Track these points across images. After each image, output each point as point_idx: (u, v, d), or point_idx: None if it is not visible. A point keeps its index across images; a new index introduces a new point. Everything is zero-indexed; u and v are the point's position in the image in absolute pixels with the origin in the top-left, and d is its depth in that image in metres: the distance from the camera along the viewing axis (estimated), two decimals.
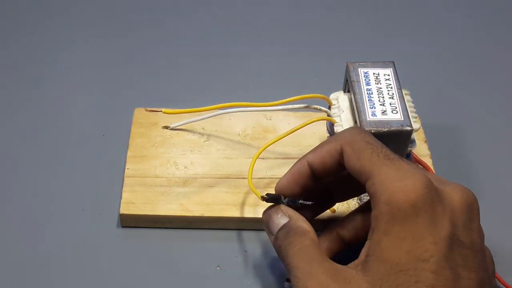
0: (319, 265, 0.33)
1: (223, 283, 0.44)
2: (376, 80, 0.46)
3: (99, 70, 0.62)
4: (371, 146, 0.35)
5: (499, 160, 0.54)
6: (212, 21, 0.69)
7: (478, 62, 0.64)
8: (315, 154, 0.37)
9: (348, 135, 0.36)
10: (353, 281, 0.31)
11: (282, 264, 0.36)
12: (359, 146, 0.35)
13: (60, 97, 0.59)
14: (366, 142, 0.35)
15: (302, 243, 0.35)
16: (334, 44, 0.66)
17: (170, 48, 0.65)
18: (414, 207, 0.31)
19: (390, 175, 0.32)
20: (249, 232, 0.47)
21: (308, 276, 0.33)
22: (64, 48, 0.65)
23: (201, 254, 0.46)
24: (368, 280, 0.31)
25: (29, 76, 0.61)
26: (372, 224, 0.32)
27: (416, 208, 0.31)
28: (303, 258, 0.34)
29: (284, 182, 0.39)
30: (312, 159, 0.37)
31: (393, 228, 0.31)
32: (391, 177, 0.32)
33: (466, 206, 0.33)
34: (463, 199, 0.33)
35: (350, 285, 0.31)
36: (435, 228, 0.31)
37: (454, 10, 0.71)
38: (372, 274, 0.31)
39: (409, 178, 0.32)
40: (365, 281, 0.31)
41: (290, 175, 0.39)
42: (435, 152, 0.51)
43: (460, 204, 0.33)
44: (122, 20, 0.69)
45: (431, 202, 0.31)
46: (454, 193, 0.33)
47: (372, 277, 0.31)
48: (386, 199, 0.31)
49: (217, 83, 0.61)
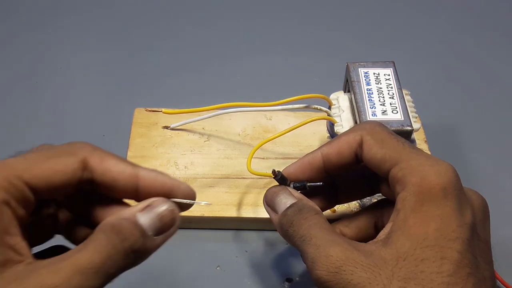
0: (339, 236, 0.34)
1: (223, 283, 0.44)
2: (376, 80, 0.46)
3: (100, 70, 0.62)
4: (395, 136, 0.36)
5: (499, 160, 0.54)
6: (212, 21, 0.69)
7: (478, 62, 0.64)
8: (331, 145, 0.37)
9: (369, 126, 0.37)
10: (375, 253, 0.32)
11: (289, 243, 0.36)
12: (382, 136, 0.35)
13: (60, 97, 0.59)
14: (389, 133, 0.36)
15: (318, 219, 0.35)
16: (334, 44, 0.66)
17: (170, 48, 0.65)
18: (445, 191, 0.32)
19: (421, 161, 0.33)
20: (249, 232, 0.47)
21: (331, 242, 0.33)
22: (64, 48, 0.65)
23: (201, 254, 0.46)
24: (391, 253, 0.31)
25: (29, 76, 0.61)
26: (397, 206, 0.33)
27: (446, 191, 0.32)
28: (321, 229, 0.34)
29: (291, 170, 0.39)
30: (327, 150, 0.37)
31: (421, 207, 0.32)
32: (422, 163, 0.33)
33: (482, 206, 0.35)
34: (480, 200, 0.35)
35: (372, 256, 0.32)
36: (461, 214, 0.32)
37: (454, 10, 0.71)
38: (396, 247, 0.31)
39: (441, 165, 0.33)
40: (388, 254, 0.31)
41: (299, 164, 0.39)
42: (435, 152, 0.51)
43: (478, 203, 0.35)
44: (123, 21, 0.69)
45: (460, 189, 0.33)
46: (472, 192, 0.35)
47: (396, 250, 0.31)
48: (417, 181, 0.32)
49: (217, 83, 0.61)
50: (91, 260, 0.27)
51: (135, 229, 0.29)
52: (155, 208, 0.31)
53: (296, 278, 0.44)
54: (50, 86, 0.60)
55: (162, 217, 0.31)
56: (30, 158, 0.30)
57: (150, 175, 0.32)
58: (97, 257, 0.28)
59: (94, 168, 0.31)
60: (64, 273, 0.27)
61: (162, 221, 0.31)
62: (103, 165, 0.31)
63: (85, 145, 0.32)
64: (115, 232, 0.29)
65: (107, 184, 0.31)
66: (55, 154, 0.31)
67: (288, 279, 0.44)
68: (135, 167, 0.32)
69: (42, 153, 0.31)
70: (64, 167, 0.30)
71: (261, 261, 0.45)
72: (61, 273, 0.27)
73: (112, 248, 0.28)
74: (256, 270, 0.45)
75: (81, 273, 0.27)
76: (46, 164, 0.30)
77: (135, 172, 0.31)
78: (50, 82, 0.60)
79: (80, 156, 0.31)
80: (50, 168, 0.30)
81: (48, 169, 0.30)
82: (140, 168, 0.32)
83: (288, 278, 0.44)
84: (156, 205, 0.31)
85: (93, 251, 0.28)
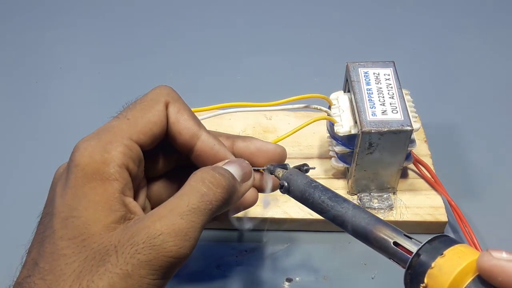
0: None
1: (223, 283, 0.44)
2: (376, 80, 0.46)
3: (100, 71, 0.62)
4: None
5: (499, 160, 0.54)
6: (212, 21, 0.69)
7: (478, 62, 0.64)
8: None
9: None
10: None
11: None
12: None
13: (60, 97, 0.59)
14: None
15: None
16: (334, 44, 0.66)
17: (170, 48, 0.65)
18: None
19: None
20: (249, 232, 0.47)
21: None
22: (64, 48, 0.65)
23: (201, 254, 0.46)
24: None
25: (29, 76, 0.61)
26: None
27: None
28: None
29: None
30: None
31: None
32: None
33: None
34: None
35: None
36: None
37: (454, 10, 0.71)
38: None
39: None
40: None
41: None
42: (435, 152, 0.51)
43: None
44: (123, 21, 0.69)
45: None
46: None
47: None
48: None
49: (217, 83, 0.61)
50: (189, 203, 0.30)
51: (226, 173, 0.33)
52: (236, 161, 0.35)
53: (296, 278, 0.44)
54: (50, 86, 0.60)
55: (244, 167, 0.35)
56: (132, 117, 0.33)
57: (209, 142, 0.35)
58: (194, 199, 0.30)
59: (170, 115, 0.34)
60: (166, 219, 0.29)
61: (244, 171, 0.34)
62: (177, 115, 0.34)
63: (169, 90, 0.35)
64: (209, 176, 0.31)
65: (173, 133, 0.34)
66: (148, 104, 0.34)
67: (288, 279, 0.44)
68: (200, 129, 0.35)
69: (136, 107, 0.33)
70: (158, 117, 0.33)
71: (261, 261, 0.45)
72: (163, 220, 0.29)
73: (208, 189, 0.31)
74: (256, 270, 0.45)
75: (181, 216, 0.29)
76: (145, 118, 0.33)
77: (198, 134, 0.34)
78: (50, 82, 0.60)
79: (164, 102, 0.34)
80: (149, 121, 0.33)
81: (149, 123, 0.33)
82: (203, 131, 0.35)
83: (288, 278, 0.44)
84: (235, 160, 0.35)
85: (190, 194, 0.30)
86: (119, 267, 0.28)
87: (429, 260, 0.26)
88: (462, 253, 0.26)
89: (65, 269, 0.28)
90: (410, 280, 0.27)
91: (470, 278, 0.25)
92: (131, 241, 0.28)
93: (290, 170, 0.36)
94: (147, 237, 0.28)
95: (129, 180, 0.31)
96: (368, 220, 0.30)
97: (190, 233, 0.29)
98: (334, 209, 0.32)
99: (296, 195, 0.35)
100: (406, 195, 0.48)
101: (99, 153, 0.30)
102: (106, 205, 0.30)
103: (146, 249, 0.28)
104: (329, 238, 0.46)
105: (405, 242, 0.28)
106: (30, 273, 0.29)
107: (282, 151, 0.38)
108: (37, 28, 0.67)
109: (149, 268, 0.28)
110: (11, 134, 0.55)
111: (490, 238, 0.46)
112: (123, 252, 0.28)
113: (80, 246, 0.29)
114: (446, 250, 0.26)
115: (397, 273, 0.44)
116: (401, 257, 0.28)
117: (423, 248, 0.27)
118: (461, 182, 0.51)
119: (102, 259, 0.28)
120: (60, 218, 0.29)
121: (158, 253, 0.28)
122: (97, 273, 0.28)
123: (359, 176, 0.46)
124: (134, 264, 0.28)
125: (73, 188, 0.30)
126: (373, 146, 0.43)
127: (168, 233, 0.29)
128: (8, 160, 0.52)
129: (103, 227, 0.29)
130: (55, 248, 0.29)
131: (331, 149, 0.48)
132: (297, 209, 0.46)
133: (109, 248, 0.29)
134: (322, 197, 0.33)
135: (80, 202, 0.30)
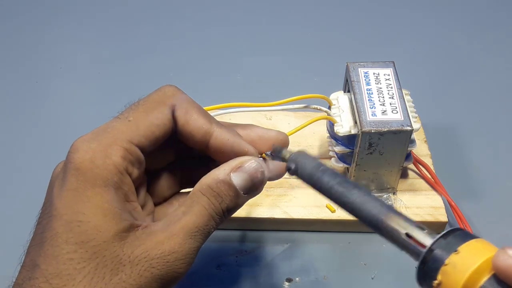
0: None
1: (223, 283, 0.44)
2: (376, 80, 0.46)
3: (100, 71, 0.62)
4: None
5: (499, 160, 0.54)
6: (212, 21, 0.69)
7: (478, 62, 0.64)
8: None
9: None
10: None
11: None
12: None
13: (60, 97, 0.59)
14: None
15: None
16: (334, 44, 0.66)
17: (170, 48, 0.65)
18: None
19: None
20: (249, 232, 0.47)
21: None
22: (64, 48, 0.65)
23: (201, 254, 0.46)
24: None
25: (30, 76, 0.61)
26: None
27: None
28: None
29: None
30: None
31: None
32: None
33: None
34: None
35: None
36: None
37: (454, 10, 0.71)
38: None
39: None
40: None
41: None
42: (435, 152, 0.51)
43: None
44: (123, 21, 0.69)
45: None
46: None
47: None
48: None
49: (217, 83, 0.61)
50: (197, 223, 0.31)
51: (231, 191, 0.32)
52: (247, 169, 0.33)
53: (296, 278, 0.44)
54: (50, 86, 0.60)
55: (254, 178, 0.33)
56: (134, 119, 0.32)
57: (222, 137, 0.33)
58: (201, 220, 0.31)
59: (178, 118, 0.33)
60: (178, 238, 0.30)
61: (253, 181, 0.33)
62: (186, 117, 0.33)
63: (175, 91, 0.34)
64: (214, 196, 0.31)
65: (184, 135, 0.33)
66: (151, 106, 0.32)
67: (288, 279, 0.44)
68: (212, 125, 0.33)
69: (139, 108, 0.32)
70: (161, 120, 0.32)
71: (261, 261, 0.45)
72: (175, 238, 0.30)
73: (213, 210, 0.31)
74: (256, 270, 0.45)
75: (191, 236, 0.30)
76: (147, 121, 0.32)
77: (210, 131, 0.33)
78: (50, 82, 0.60)
79: (170, 105, 0.33)
80: (152, 124, 0.32)
81: (151, 125, 0.32)
82: (215, 127, 0.34)
83: (288, 278, 0.44)
84: (248, 166, 0.33)
85: (198, 214, 0.31)
86: (133, 278, 0.29)
87: (443, 256, 0.25)
88: (477, 250, 0.25)
89: (74, 274, 0.28)
90: (423, 275, 0.26)
91: (486, 277, 0.25)
92: (145, 255, 0.29)
93: (297, 152, 0.34)
94: (161, 253, 0.29)
95: (131, 184, 0.31)
96: (379, 209, 0.29)
97: (195, 252, 0.31)
98: (344, 195, 0.30)
99: (304, 178, 0.33)
100: (406, 195, 0.48)
101: (100, 159, 0.30)
102: (115, 213, 0.30)
103: (160, 264, 0.29)
104: (329, 238, 0.47)
105: (418, 234, 0.27)
106: (31, 275, 0.29)
107: (285, 138, 0.37)
108: (37, 28, 0.67)
109: (160, 282, 0.30)
110: (11, 134, 0.55)
111: (490, 238, 0.46)
112: (137, 264, 0.29)
113: (90, 252, 0.28)
114: (461, 246, 0.25)
115: (397, 273, 0.45)
116: (414, 249, 0.27)
117: (437, 243, 0.26)
118: (461, 182, 0.51)
119: (115, 268, 0.29)
120: (62, 220, 0.29)
121: (170, 269, 0.30)
122: (110, 282, 0.28)
123: (359, 176, 0.46)
124: (148, 277, 0.29)
125: (73, 190, 0.30)
126: (373, 146, 0.43)
127: (180, 252, 0.30)
128: (8, 160, 0.53)
129: (114, 235, 0.29)
130: (59, 252, 0.29)
131: (331, 149, 0.48)
132: (297, 209, 0.46)
133: (122, 257, 0.29)
134: (331, 181, 0.31)
135: (85, 206, 0.29)
